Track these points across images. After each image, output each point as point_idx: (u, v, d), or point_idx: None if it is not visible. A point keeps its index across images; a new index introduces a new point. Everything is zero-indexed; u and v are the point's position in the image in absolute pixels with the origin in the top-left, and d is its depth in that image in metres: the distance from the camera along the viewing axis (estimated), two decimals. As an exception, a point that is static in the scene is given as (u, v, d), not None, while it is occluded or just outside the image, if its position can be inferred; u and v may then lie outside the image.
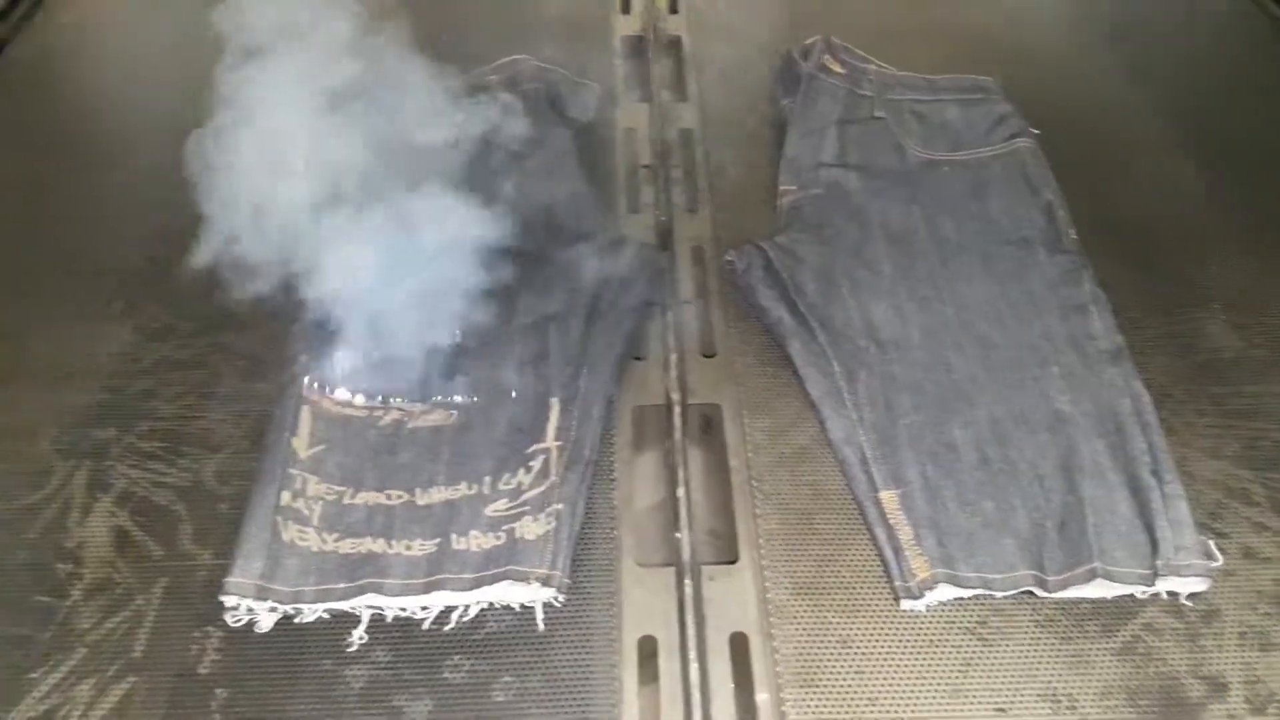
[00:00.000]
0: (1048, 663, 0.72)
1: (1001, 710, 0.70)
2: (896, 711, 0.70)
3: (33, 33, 1.35)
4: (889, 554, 0.77)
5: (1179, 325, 0.96)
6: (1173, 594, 0.76)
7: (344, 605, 0.74)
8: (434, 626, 0.74)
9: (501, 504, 0.80)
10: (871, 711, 0.70)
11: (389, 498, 0.81)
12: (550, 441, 0.83)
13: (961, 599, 0.76)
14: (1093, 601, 0.76)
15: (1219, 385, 0.91)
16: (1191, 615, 0.75)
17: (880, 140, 1.12)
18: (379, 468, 0.83)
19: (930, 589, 0.75)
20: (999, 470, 0.83)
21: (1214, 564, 0.76)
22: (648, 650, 0.73)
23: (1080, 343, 0.91)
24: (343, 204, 0.92)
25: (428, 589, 0.75)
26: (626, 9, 1.37)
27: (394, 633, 0.74)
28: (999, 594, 0.76)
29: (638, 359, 0.92)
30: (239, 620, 0.74)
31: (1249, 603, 0.76)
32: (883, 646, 0.73)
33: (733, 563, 0.78)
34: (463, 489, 0.81)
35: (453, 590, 0.74)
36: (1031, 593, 0.76)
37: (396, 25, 0.98)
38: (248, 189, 0.89)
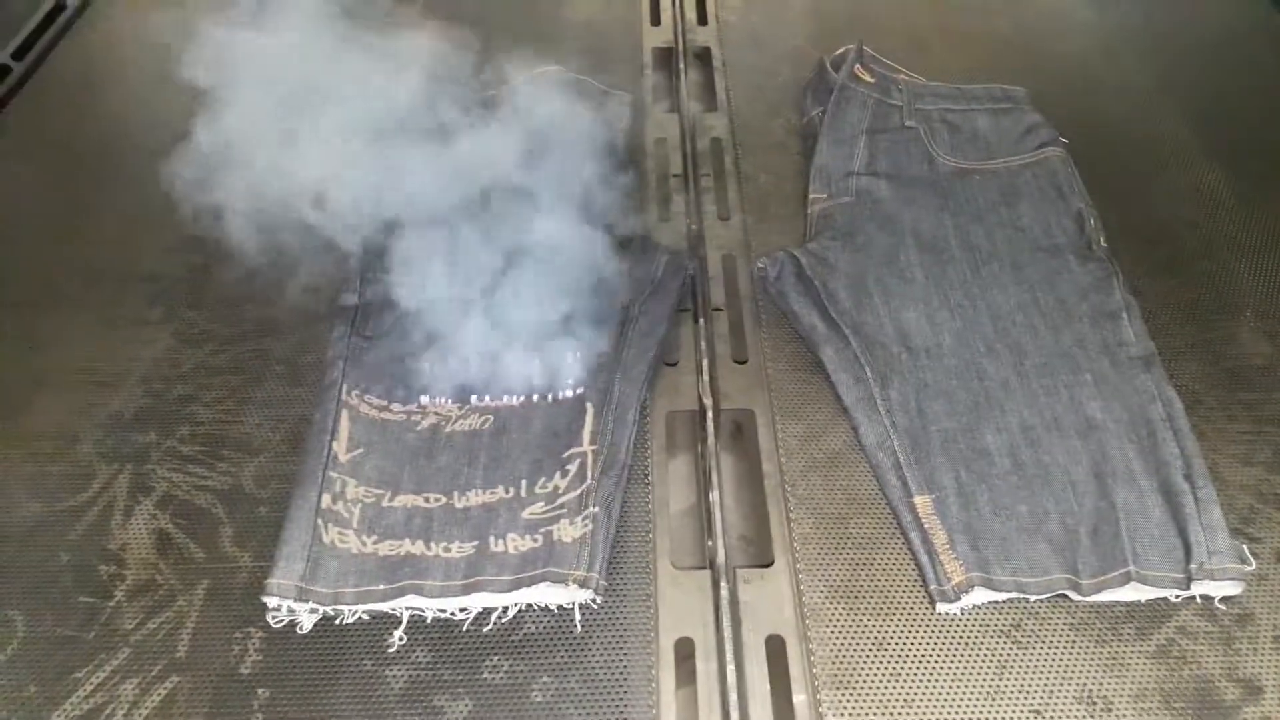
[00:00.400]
0: (1083, 665, 0.73)
1: (1037, 712, 0.70)
2: (932, 713, 0.70)
3: (70, 47, 1.37)
4: (924, 558, 0.78)
5: (1210, 332, 0.96)
6: (1206, 598, 0.76)
7: (384, 606, 0.75)
8: (473, 627, 0.75)
9: (538, 507, 0.80)
10: (907, 713, 0.70)
11: (427, 500, 0.82)
12: (586, 445, 0.84)
13: (996, 602, 0.76)
14: (1127, 605, 0.76)
15: (1250, 391, 0.91)
16: (1225, 619, 0.76)
17: (910, 149, 1.13)
18: (417, 471, 0.84)
19: (965, 592, 0.75)
20: (1032, 475, 0.83)
21: (1248, 568, 0.76)
22: (684, 652, 0.74)
23: (1112, 349, 0.92)
24: (377, 213, 0.93)
25: (466, 590, 0.75)
26: (656, 20, 1.38)
27: (433, 634, 0.75)
28: (1033, 597, 0.76)
29: (670, 364, 0.93)
30: (280, 621, 0.75)
31: (1283, 606, 0.77)
32: (918, 649, 0.74)
33: (768, 566, 0.78)
34: (500, 492, 0.82)
35: (491, 592, 0.75)
36: (1066, 596, 0.76)
37: (428, 37, 1.00)
38: (284, 197, 0.90)
